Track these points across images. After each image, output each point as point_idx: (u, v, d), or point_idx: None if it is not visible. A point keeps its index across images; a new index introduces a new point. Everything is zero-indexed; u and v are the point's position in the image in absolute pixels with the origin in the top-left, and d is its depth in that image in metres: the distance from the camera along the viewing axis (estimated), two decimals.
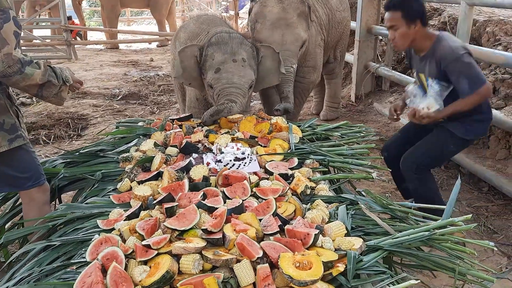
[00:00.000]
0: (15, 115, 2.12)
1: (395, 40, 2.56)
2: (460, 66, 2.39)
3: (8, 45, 1.89)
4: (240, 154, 2.30)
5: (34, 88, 2.01)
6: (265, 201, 1.84)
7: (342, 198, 2.08)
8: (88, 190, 2.27)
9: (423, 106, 2.51)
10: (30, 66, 1.96)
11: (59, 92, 2.10)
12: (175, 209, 1.77)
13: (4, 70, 1.90)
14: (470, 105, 2.43)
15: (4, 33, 1.88)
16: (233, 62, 2.99)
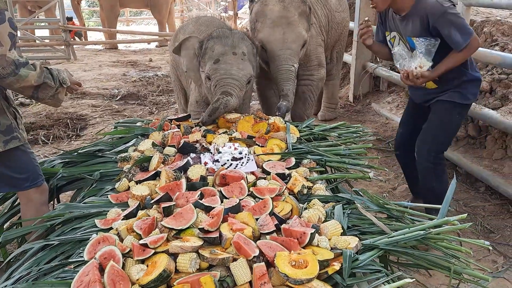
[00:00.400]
0: (12, 116, 2.12)
1: (374, 1, 2.55)
2: (450, 18, 2.37)
3: (2, 46, 1.88)
4: (237, 154, 2.31)
5: (29, 89, 2.00)
6: (262, 201, 1.85)
7: (339, 197, 2.09)
8: (86, 190, 2.28)
9: (415, 66, 2.47)
10: (25, 67, 1.95)
11: (56, 94, 2.10)
12: (172, 209, 1.78)
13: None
14: (462, 59, 2.45)
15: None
16: (233, 55, 2.99)
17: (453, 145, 3.74)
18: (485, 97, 3.63)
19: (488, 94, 3.63)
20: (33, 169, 2.22)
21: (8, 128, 2.08)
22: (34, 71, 1.98)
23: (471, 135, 3.67)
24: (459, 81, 2.57)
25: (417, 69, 2.45)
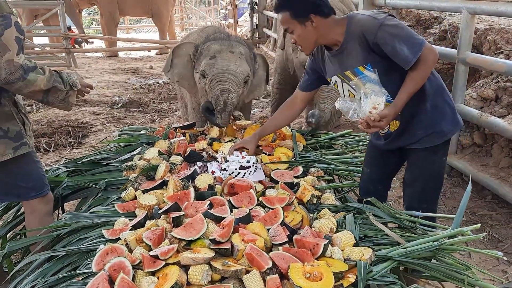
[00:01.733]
0: (20, 122, 2.09)
1: (298, 44, 2.12)
2: (389, 30, 1.89)
3: (10, 51, 1.84)
4: (245, 162, 2.28)
5: (39, 94, 1.97)
6: (273, 211, 1.82)
7: (349, 207, 2.06)
8: (92, 199, 2.25)
9: (369, 110, 1.93)
10: (33, 72, 1.92)
11: (67, 98, 2.06)
12: (181, 219, 1.75)
13: (7, 77, 1.85)
14: (423, 77, 1.91)
15: (5, 39, 1.83)
16: (230, 53, 2.89)
17: (459, 153, 3.72)
18: (490, 105, 3.62)
19: (493, 102, 3.62)
20: (39, 178, 2.18)
21: (18, 135, 2.05)
22: (43, 75, 1.95)
23: (477, 143, 3.65)
24: (425, 115, 2.06)
25: (374, 112, 1.92)
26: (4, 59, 1.84)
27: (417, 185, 2.22)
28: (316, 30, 2.05)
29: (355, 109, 1.99)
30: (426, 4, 3.97)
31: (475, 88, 3.78)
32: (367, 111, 1.94)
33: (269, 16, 10.29)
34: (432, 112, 2.07)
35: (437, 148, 2.13)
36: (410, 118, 2.09)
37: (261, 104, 6.21)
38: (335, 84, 2.21)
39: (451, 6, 3.65)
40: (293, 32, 2.08)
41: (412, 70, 1.90)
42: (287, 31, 2.11)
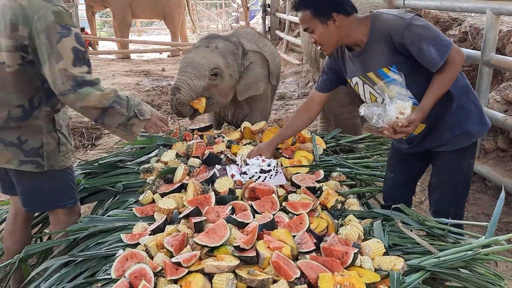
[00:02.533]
0: (55, 141, 1.95)
1: (318, 43, 2.01)
2: (417, 30, 1.82)
3: (63, 60, 1.74)
4: (265, 166, 2.22)
5: (93, 112, 1.83)
6: (298, 217, 1.75)
7: (375, 213, 1.99)
8: (109, 202, 2.20)
9: (396, 115, 1.84)
10: (91, 86, 1.79)
11: (128, 125, 1.90)
12: (203, 224, 1.68)
13: (60, 88, 1.77)
14: (450, 80, 1.83)
15: (61, 47, 1.74)
16: (205, 47, 2.95)
17: (482, 158, 3.61)
18: None
19: None
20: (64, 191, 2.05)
21: (33, 151, 1.90)
22: (99, 92, 1.81)
23: (501, 147, 3.54)
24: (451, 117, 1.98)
25: (400, 117, 1.83)
26: (57, 67, 1.75)
27: (445, 188, 2.12)
28: (338, 30, 1.96)
29: (380, 114, 1.90)
30: (447, 5, 3.87)
31: (499, 91, 3.67)
32: (394, 117, 1.84)
33: (281, 18, 10.24)
34: (458, 113, 1.99)
35: (465, 150, 2.04)
36: (436, 120, 2.00)
37: (275, 106, 6.13)
38: (356, 85, 2.12)
39: (475, 7, 3.56)
40: (313, 32, 1.98)
41: (439, 73, 1.82)
42: (307, 30, 2.01)
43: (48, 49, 1.73)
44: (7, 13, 1.76)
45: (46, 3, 1.74)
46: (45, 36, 1.73)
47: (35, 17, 1.73)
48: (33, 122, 1.90)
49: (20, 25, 1.75)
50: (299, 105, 6.14)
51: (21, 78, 1.83)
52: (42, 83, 1.88)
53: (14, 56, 1.78)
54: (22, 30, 1.75)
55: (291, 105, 6.17)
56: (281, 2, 10.61)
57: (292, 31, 9.58)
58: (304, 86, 7.21)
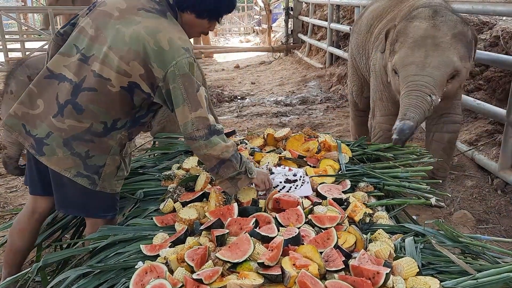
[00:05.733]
0: (115, 164, 1.95)
1: None
2: None
3: (202, 108, 1.81)
4: (291, 175, 2.13)
5: (213, 160, 1.87)
6: (325, 232, 1.66)
7: (406, 228, 1.88)
8: (129, 210, 2.15)
9: None
10: (218, 136, 1.86)
11: (236, 179, 1.92)
12: (226, 237, 1.61)
13: (192, 132, 1.82)
14: None
15: (199, 96, 1.82)
16: None
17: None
18: None
19: None
20: (108, 201, 2.01)
21: (93, 168, 1.89)
22: (225, 143, 1.88)
23: None
24: None
25: None
26: (195, 114, 1.81)
27: None
28: None
29: None
30: (479, 8, 3.72)
31: None
32: None
33: (304, 21, 10.15)
34: None
35: None
36: None
37: (297, 111, 6.05)
38: None
39: (509, 10, 3.40)
40: None
41: None
42: None
43: (184, 94, 1.79)
44: (140, 44, 1.78)
45: (185, 53, 1.80)
46: (182, 83, 1.79)
47: (173, 62, 1.78)
48: (107, 141, 1.91)
49: (154, 64, 1.78)
50: (322, 109, 6.04)
51: (118, 100, 1.86)
52: (135, 112, 1.94)
53: (121, 79, 1.82)
54: (158, 72, 1.80)
55: (313, 109, 6.07)
56: (304, 5, 10.52)
57: (315, 34, 9.48)
58: (327, 90, 7.10)
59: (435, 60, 2.71)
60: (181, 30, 1.88)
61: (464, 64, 2.77)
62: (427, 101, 2.66)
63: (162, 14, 1.85)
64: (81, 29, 1.88)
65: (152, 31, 1.79)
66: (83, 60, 1.83)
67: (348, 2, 7.12)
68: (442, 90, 2.74)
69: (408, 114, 2.62)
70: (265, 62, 10.69)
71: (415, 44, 2.79)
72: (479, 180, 3.66)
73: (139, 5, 1.85)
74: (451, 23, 2.78)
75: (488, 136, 3.96)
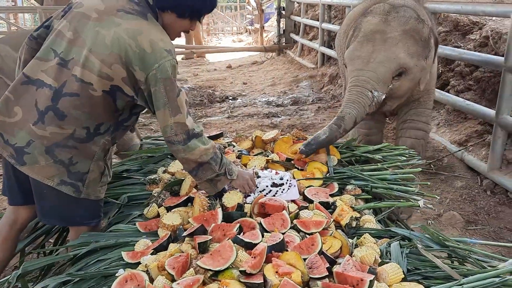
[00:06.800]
0: (98, 168, 1.90)
1: None
2: None
3: (181, 113, 1.80)
4: (278, 179, 2.10)
5: (192, 163, 1.86)
6: (310, 238, 1.63)
7: (392, 232, 1.86)
8: (112, 216, 2.11)
9: None
10: (196, 139, 1.84)
11: (215, 180, 1.92)
12: (208, 244, 1.58)
13: (171, 137, 1.81)
14: None
15: (179, 101, 1.80)
16: None
17: (504, 168, 3.44)
18: None
19: None
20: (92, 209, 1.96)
21: (77, 175, 1.84)
22: (204, 145, 1.85)
23: None
24: None
25: None
26: (174, 119, 1.79)
27: None
28: None
29: None
30: (469, 9, 3.73)
31: None
32: None
33: (296, 21, 10.13)
34: None
35: None
36: None
37: (289, 111, 6.03)
38: None
39: (499, 11, 3.40)
40: None
41: None
42: None
43: (165, 98, 1.77)
44: (122, 47, 1.74)
45: (168, 55, 1.77)
46: (163, 86, 1.76)
47: (155, 65, 1.75)
48: (90, 147, 1.86)
49: (136, 67, 1.75)
50: (313, 110, 6.02)
51: (100, 104, 1.82)
52: (118, 115, 1.91)
53: (103, 83, 1.78)
54: (140, 75, 1.77)
55: (305, 110, 6.05)
56: (296, 5, 10.50)
57: (307, 34, 9.46)
58: (318, 91, 7.08)
59: (380, 55, 2.68)
60: (163, 31, 1.84)
61: (416, 62, 2.72)
62: (367, 97, 2.64)
63: (142, 15, 1.81)
64: (58, 32, 1.83)
65: (134, 33, 1.75)
66: (62, 64, 1.78)
67: (339, 2, 7.11)
68: (386, 87, 2.70)
69: (345, 110, 2.62)
70: (257, 62, 10.67)
71: (364, 38, 2.77)
72: (468, 181, 3.66)
73: (118, 6, 1.81)
74: (404, 19, 2.74)
75: (477, 136, 3.95)
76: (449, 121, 4.47)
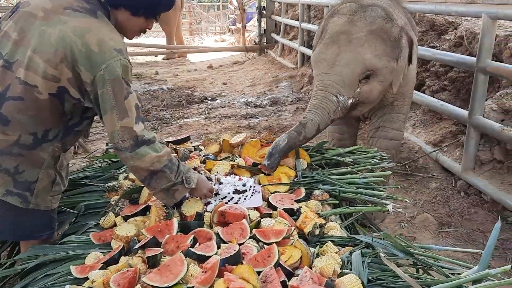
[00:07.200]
0: (47, 177, 1.80)
1: None
2: None
3: (128, 117, 1.68)
4: (240, 185, 2.03)
5: (142, 172, 1.73)
6: (266, 249, 1.56)
7: (356, 240, 1.80)
8: (67, 226, 2.01)
9: None
10: (147, 146, 1.71)
11: (172, 190, 1.79)
12: (159, 258, 1.50)
13: (118, 143, 1.69)
14: None
15: (127, 104, 1.68)
16: None
17: (478, 169, 3.43)
18: None
19: None
20: (42, 222, 1.86)
21: (24, 184, 1.74)
22: (156, 153, 1.72)
23: (498, 159, 3.35)
24: None
25: None
26: (120, 124, 1.67)
27: None
28: None
29: None
30: (442, 9, 3.71)
31: (496, 99, 3.48)
32: None
33: (277, 21, 10.07)
34: None
35: None
36: None
37: (267, 112, 5.96)
38: None
39: (470, 11, 3.38)
40: None
41: None
42: None
43: (112, 101, 1.67)
44: (67, 46, 1.64)
45: (118, 54, 1.67)
46: (111, 88, 1.66)
47: (103, 65, 1.64)
48: (38, 153, 1.75)
49: (82, 67, 1.65)
50: (291, 111, 5.96)
51: (47, 108, 1.71)
52: (67, 120, 1.80)
53: (49, 85, 1.67)
54: (86, 76, 1.66)
55: (283, 111, 5.99)
56: (277, 4, 10.44)
57: (287, 34, 9.41)
58: (298, 91, 7.02)
59: (345, 57, 2.57)
60: (113, 29, 1.74)
61: (385, 63, 2.59)
62: (332, 102, 2.53)
63: (92, 13, 1.71)
64: (4, 33, 1.72)
65: (81, 31, 1.65)
66: (6, 66, 1.68)
67: (318, 2, 7.07)
68: (353, 91, 2.58)
69: (307, 117, 2.50)
70: (239, 62, 10.58)
71: (330, 40, 2.67)
72: (443, 182, 3.64)
73: (65, 4, 1.71)
74: (371, 18, 2.62)
75: (452, 137, 3.94)
76: (424, 121, 4.45)
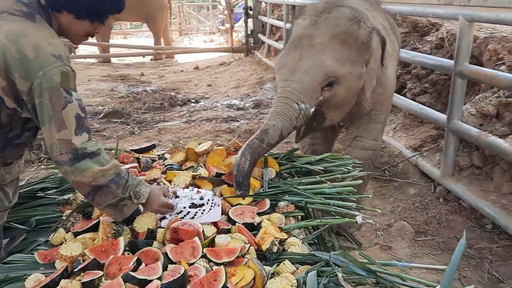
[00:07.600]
0: None
1: None
2: None
3: (66, 129, 1.56)
4: (198, 199, 1.93)
5: (85, 187, 1.62)
6: (213, 272, 1.46)
7: (316, 257, 1.71)
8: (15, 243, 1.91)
9: None
10: (90, 160, 1.59)
11: (120, 206, 1.68)
12: (96, 283, 1.40)
13: (56, 156, 1.58)
14: None
15: (65, 114, 1.56)
16: None
17: (456, 175, 3.36)
18: (491, 122, 3.26)
19: (494, 119, 3.26)
20: None
21: None
22: (100, 167, 1.60)
23: (476, 165, 3.28)
24: None
25: None
26: (58, 136, 1.56)
27: None
28: None
29: None
30: (420, 10, 3.63)
31: (474, 103, 3.42)
32: None
33: (263, 22, 9.98)
34: None
35: None
36: None
37: (249, 115, 5.86)
38: None
39: (447, 13, 3.31)
40: None
41: None
42: None
43: (50, 111, 1.56)
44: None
45: (56, 61, 1.55)
46: (49, 97, 1.55)
47: (39, 72, 1.53)
48: None
49: (16, 75, 1.53)
50: None
51: None
52: (6, 132, 1.68)
53: None
54: (21, 84, 1.54)
55: (265, 114, 5.89)
56: (263, 5, 10.35)
57: (273, 34, 9.32)
58: None
59: (306, 63, 2.43)
60: (53, 34, 1.62)
61: (350, 69, 2.44)
62: (293, 109, 2.38)
63: (29, 17, 1.59)
64: None
65: (15, 36, 1.53)
66: None
67: (302, 2, 6.98)
68: (315, 99, 2.44)
69: (269, 123, 2.35)
70: (225, 63, 10.48)
71: (293, 44, 2.54)
72: (422, 188, 3.57)
73: (3, 7, 1.59)
74: (335, 20, 2.48)
75: (432, 141, 3.87)
76: (405, 125, 4.39)
